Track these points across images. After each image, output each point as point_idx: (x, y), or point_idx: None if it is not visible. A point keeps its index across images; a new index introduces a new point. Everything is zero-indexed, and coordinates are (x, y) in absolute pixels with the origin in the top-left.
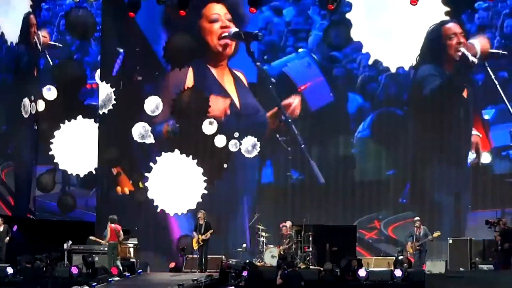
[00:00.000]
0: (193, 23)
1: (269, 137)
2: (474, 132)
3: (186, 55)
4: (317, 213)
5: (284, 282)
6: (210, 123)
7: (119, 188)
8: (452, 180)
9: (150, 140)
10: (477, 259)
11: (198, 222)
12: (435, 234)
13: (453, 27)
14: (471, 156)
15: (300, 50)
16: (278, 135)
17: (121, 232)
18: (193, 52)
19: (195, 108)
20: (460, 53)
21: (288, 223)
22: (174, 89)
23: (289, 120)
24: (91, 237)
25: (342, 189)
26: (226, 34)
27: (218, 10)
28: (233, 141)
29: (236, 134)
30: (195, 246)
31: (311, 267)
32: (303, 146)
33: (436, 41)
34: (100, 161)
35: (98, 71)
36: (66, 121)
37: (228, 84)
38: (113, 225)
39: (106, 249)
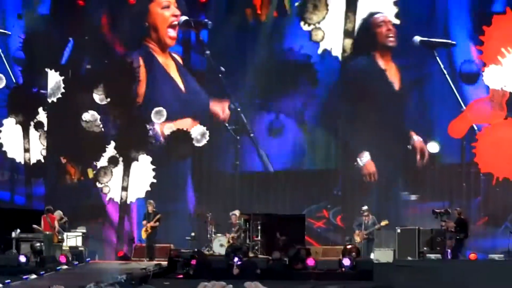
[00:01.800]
0: (144, 8)
1: (218, 126)
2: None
3: (134, 41)
4: (265, 202)
5: (241, 271)
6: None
7: (67, 177)
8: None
9: (98, 129)
10: (425, 248)
11: (147, 211)
12: (383, 223)
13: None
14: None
15: None
16: (227, 124)
17: (56, 222)
18: (141, 38)
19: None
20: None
21: (237, 212)
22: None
23: (238, 109)
24: (35, 226)
25: (291, 178)
26: (176, 22)
27: None
28: None
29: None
30: (144, 235)
31: (259, 256)
32: (252, 135)
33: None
34: (49, 150)
35: None
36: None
37: (173, 72)
38: (46, 215)
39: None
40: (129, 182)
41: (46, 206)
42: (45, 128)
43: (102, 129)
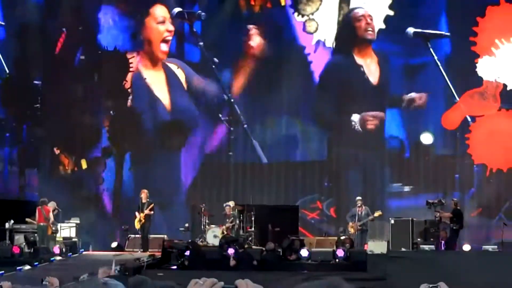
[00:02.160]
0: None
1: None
2: None
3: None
4: (260, 193)
5: (237, 263)
6: None
7: (61, 168)
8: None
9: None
10: (418, 239)
11: (141, 201)
12: (376, 214)
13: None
14: None
15: None
16: (220, 115)
17: (51, 214)
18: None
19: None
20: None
21: (231, 203)
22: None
23: (232, 100)
24: (28, 219)
25: (285, 170)
26: (170, 37)
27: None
28: None
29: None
30: (137, 225)
31: (253, 247)
32: (245, 126)
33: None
34: (42, 141)
35: None
36: None
37: (161, 86)
38: (41, 207)
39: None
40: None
41: (41, 198)
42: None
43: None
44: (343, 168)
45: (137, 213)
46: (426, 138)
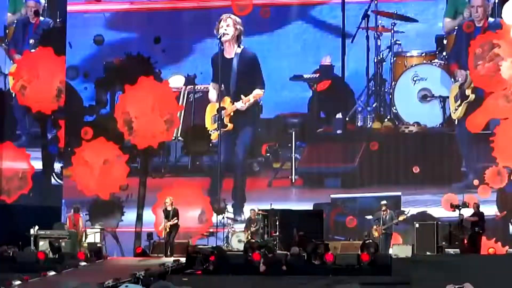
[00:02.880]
0: None
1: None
2: None
3: None
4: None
5: (267, 268)
6: None
7: None
8: None
9: None
10: (443, 243)
11: (166, 208)
12: (401, 218)
13: None
14: None
15: None
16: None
17: (81, 221)
18: None
19: None
20: None
21: (255, 207)
22: None
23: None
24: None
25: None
26: None
27: None
28: None
29: None
30: (163, 232)
31: (278, 251)
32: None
33: None
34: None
35: None
36: None
37: None
38: (72, 214)
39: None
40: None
41: (74, 205)
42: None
43: None
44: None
45: (164, 221)
46: None
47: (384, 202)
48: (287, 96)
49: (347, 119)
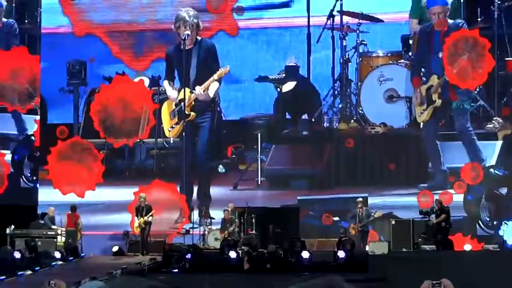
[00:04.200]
0: None
1: None
2: None
3: None
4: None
5: (251, 266)
6: None
7: None
8: None
9: None
10: (419, 239)
11: (140, 205)
12: (377, 215)
13: None
14: None
15: None
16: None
17: (80, 220)
18: None
19: None
20: None
21: (230, 206)
22: None
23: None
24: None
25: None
26: None
27: None
28: None
29: None
30: (137, 230)
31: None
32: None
33: None
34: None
35: None
36: None
37: None
38: (71, 213)
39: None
40: None
41: (71, 205)
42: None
43: None
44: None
45: (136, 218)
46: None
47: (360, 199)
48: (253, 97)
49: (313, 120)
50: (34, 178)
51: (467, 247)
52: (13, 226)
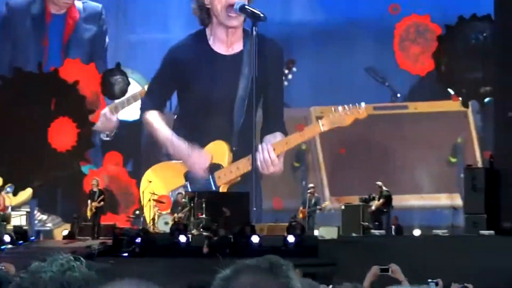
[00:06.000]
0: None
1: None
2: None
3: None
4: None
5: (210, 250)
6: None
7: None
8: None
9: None
10: (368, 224)
11: (92, 189)
12: (323, 205)
13: None
14: None
15: None
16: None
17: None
18: None
19: None
20: None
21: (183, 191)
22: None
23: None
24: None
25: None
26: None
27: None
28: None
29: None
30: (89, 214)
31: (204, 233)
32: None
33: None
34: None
35: None
36: None
37: None
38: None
39: None
40: None
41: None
42: None
43: None
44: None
45: (89, 202)
46: None
47: (311, 185)
48: None
49: None
50: None
51: (416, 232)
52: None
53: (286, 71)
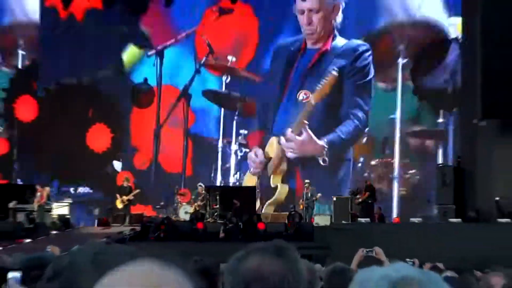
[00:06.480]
0: None
1: None
2: None
3: None
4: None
5: (226, 236)
6: None
7: None
8: None
9: None
10: (357, 213)
11: (122, 185)
12: (318, 196)
13: None
14: None
15: None
16: None
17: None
18: None
19: None
20: None
21: (202, 184)
22: None
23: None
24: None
25: None
26: None
27: None
28: None
29: None
30: (120, 205)
31: (218, 221)
32: None
33: None
34: None
35: None
36: None
37: None
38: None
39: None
40: None
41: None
42: None
43: None
44: None
45: (118, 195)
46: None
47: (307, 180)
48: None
49: None
50: None
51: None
52: (15, 201)
53: None
